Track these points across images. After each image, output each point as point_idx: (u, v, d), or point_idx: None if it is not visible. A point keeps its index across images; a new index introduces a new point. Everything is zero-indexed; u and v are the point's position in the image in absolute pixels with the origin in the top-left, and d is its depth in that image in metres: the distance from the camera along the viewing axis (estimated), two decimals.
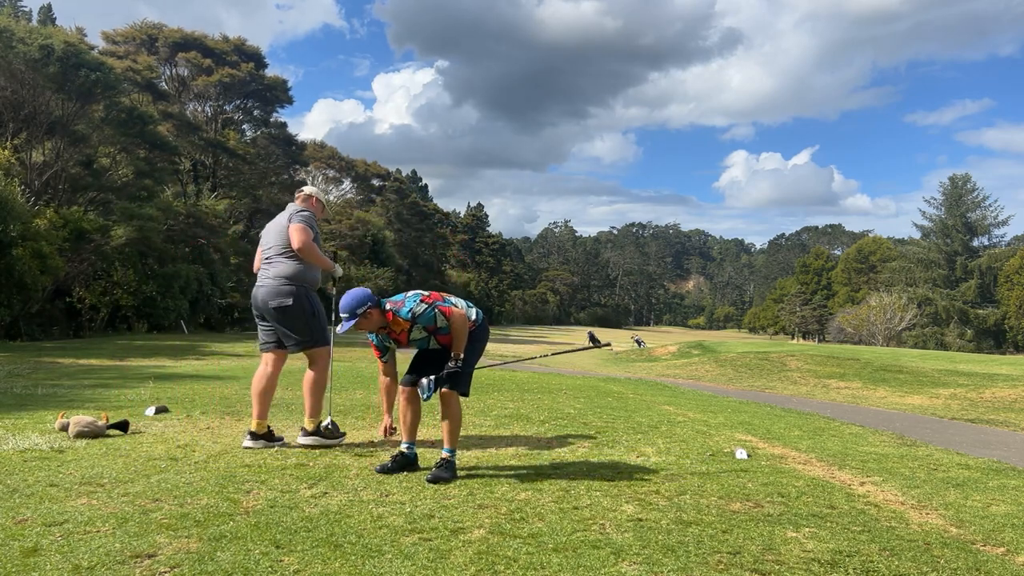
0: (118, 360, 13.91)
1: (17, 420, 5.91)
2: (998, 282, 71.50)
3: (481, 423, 6.45)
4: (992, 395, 13.92)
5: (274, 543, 3.07)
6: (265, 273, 5.18)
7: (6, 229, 20.20)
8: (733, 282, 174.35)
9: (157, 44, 39.64)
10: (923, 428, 8.76)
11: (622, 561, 2.99)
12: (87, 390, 8.43)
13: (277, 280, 5.09)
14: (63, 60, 24.31)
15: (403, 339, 4.52)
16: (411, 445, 4.54)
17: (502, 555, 3.00)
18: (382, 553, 2.99)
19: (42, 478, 4.01)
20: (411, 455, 4.51)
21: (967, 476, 5.07)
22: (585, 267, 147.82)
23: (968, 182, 77.48)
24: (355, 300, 4.33)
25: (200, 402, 7.33)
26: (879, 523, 3.71)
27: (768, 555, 3.14)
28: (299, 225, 5.10)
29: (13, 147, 24.58)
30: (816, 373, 18.28)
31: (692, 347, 31.95)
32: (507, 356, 26.47)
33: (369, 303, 4.36)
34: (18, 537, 3.06)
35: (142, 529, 3.20)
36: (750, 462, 5.12)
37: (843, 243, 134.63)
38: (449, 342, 4.44)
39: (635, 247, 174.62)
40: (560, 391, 9.61)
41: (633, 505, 3.83)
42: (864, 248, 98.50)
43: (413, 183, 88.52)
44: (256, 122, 45.73)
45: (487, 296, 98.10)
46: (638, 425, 6.67)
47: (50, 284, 23.26)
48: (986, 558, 3.25)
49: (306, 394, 5.24)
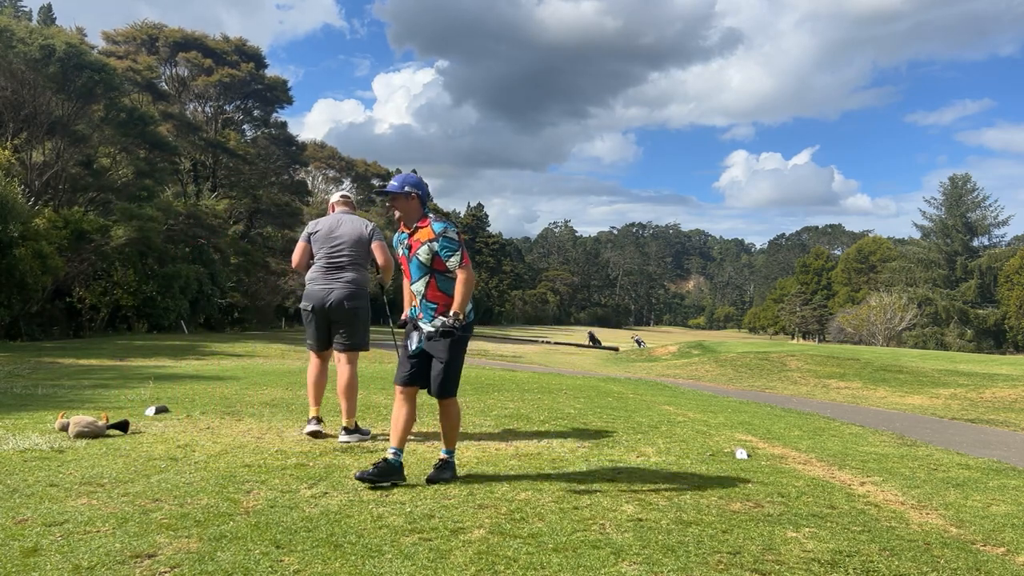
0: (118, 360, 13.91)
1: (17, 420, 5.91)
2: (998, 282, 71.48)
3: (481, 423, 6.45)
4: (992, 395, 13.92)
5: (274, 543, 3.07)
6: (338, 276, 5.48)
7: (6, 229, 20.20)
8: (733, 282, 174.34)
9: (157, 44, 39.65)
10: (923, 428, 8.76)
11: (622, 561, 2.99)
12: (87, 390, 8.43)
13: (355, 285, 5.50)
14: (64, 60, 24.30)
15: (413, 248, 4.25)
16: (398, 452, 4.20)
17: (502, 555, 3.00)
18: (382, 553, 2.99)
19: (42, 478, 4.01)
20: (395, 463, 4.14)
21: (967, 476, 5.07)
22: (585, 267, 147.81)
23: (968, 182, 77.48)
24: (410, 179, 4.33)
25: (200, 402, 7.33)
26: (879, 523, 3.71)
27: (768, 555, 3.14)
28: (384, 244, 5.57)
29: (13, 147, 24.57)
30: (816, 373, 18.28)
31: (692, 347, 31.95)
32: (507, 356, 26.48)
33: (419, 190, 4.28)
34: (18, 537, 3.06)
35: (142, 529, 3.20)
36: (750, 462, 5.12)
37: (843, 243, 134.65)
38: (436, 299, 4.22)
39: (635, 247, 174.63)
40: (560, 391, 9.61)
41: (633, 505, 3.83)
42: (864, 248, 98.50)
43: None
44: (256, 122, 45.74)
45: (487, 296, 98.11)
46: (638, 425, 6.67)
47: (50, 284, 23.26)
48: (986, 558, 3.25)
49: (347, 395, 5.49)
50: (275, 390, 8.67)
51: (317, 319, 5.51)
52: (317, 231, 5.61)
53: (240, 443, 5.15)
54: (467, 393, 9.00)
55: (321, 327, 5.53)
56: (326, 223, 5.64)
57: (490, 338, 45.28)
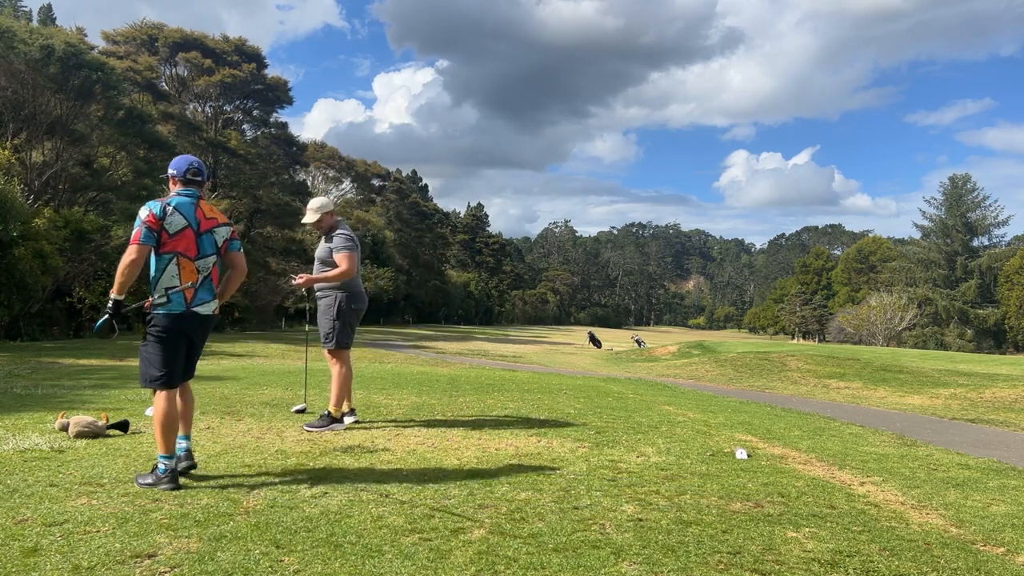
0: (118, 360, 13.91)
1: (17, 420, 5.91)
2: (998, 282, 71.48)
3: (481, 423, 6.45)
4: (992, 395, 13.91)
5: (274, 543, 3.07)
6: (360, 282, 6.25)
7: (6, 229, 20.18)
8: (733, 282, 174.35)
9: (157, 44, 39.63)
10: (923, 428, 8.75)
11: (622, 561, 2.99)
12: (87, 390, 8.42)
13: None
14: (64, 60, 24.30)
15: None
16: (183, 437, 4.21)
17: (502, 555, 3.00)
18: (382, 553, 2.99)
19: (42, 478, 4.01)
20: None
21: (967, 476, 5.07)
22: (585, 267, 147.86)
23: (968, 182, 77.49)
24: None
25: (200, 402, 7.31)
26: (879, 523, 3.71)
27: (768, 555, 3.14)
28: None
29: (13, 147, 24.57)
30: (816, 373, 18.27)
31: (692, 347, 31.94)
32: (507, 356, 26.46)
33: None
34: (18, 537, 3.06)
35: (142, 529, 3.20)
36: (750, 462, 5.12)
37: (843, 243, 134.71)
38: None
39: (635, 247, 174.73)
40: (560, 391, 9.61)
41: (633, 505, 3.82)
42: (864, 248, 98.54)
43: (413, 183, 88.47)
44: (256, 122, 45.74)
45: (487, 296, 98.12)
46: (638, 425, 6.67)
47: (50, 284, 23.24)
48: (986, 558, 3.25)
49: (349, 388, 6.23)
50: (275, 390, 8.67)
51: (354, 320, 6.17)
52: (356, 239, 6.22)
53: (240, 443, 5.15)
54: (467, 393, 9.01)
55: (354, 327, 6.23)
56: (353, 232, 6.28)
57: (491, 338, 45.28)
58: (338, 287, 6.01)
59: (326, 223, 6.06)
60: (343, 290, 6.01)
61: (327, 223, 6.06)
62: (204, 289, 4.18)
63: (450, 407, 7.54)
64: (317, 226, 6.07)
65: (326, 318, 6.05)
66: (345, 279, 5.94)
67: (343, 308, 6.00)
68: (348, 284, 6.03)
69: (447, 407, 7.53)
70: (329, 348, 6.09)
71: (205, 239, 4.17)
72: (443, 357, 22.66)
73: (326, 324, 6.05)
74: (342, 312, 6.00)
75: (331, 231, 6.03)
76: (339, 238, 5.94)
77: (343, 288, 6.01)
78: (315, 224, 6.05)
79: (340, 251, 5.88)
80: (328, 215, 6.08)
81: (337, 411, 5.99)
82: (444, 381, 10.66)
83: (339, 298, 6.00)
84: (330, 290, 6.03)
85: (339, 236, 5.96)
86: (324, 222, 6.05)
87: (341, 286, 6.01)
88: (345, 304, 6.01)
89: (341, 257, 5.86)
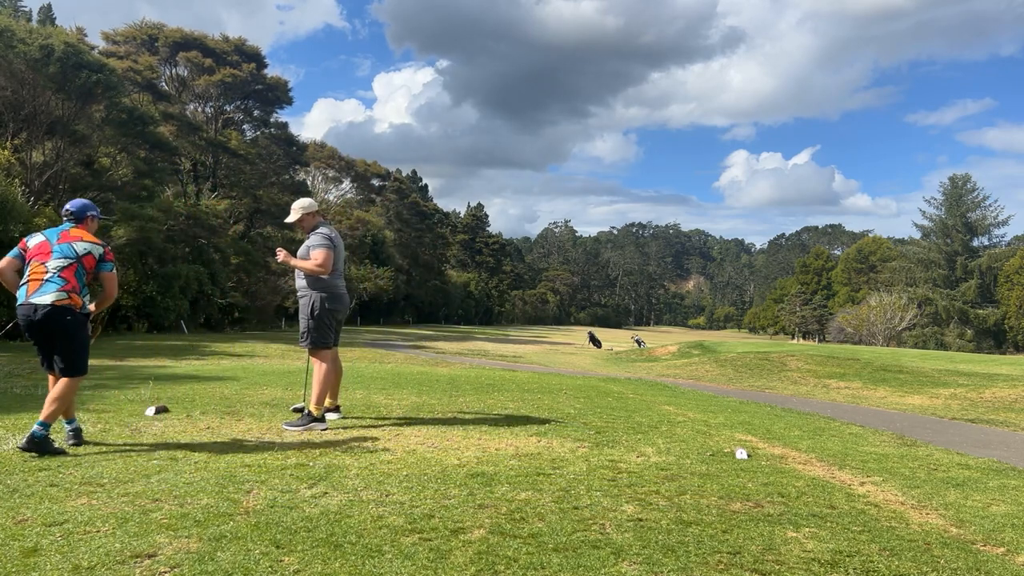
0: (118, 360, 13.90)
1: (17, 420, 5.91)
2: (998, 282, 71.47)
3: (481, 423, 6.45)
4: (992, 395, 13.91)
5: (274, 543, 3.06)
6: (341, 283, 6.29)
7: (6, 229, 20.18)
8: (733, 282, 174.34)
9: (157, 44, 39.64)
10: (923, 428, 8.75)
11: (622, 561, 2.99)
12: (87, 390, 8.41)
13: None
14: (63, 60, 24.29)
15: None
16: (45, 426, 4.69)
17: (502, 555, 3.00)
18: (382, 553, 2.99)
19: (42, 478, 4.01)
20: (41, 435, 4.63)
21: (967, 476, 5.07)
22: (585, 267, 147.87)
23: (968, 182, 77.50)
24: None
25: (200, 402, 7.33)
26: (879, 523, 3.71)
27: (768, 555, 3.14)
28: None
29: (13, 147, 24.57)
30: (816, 373, 18.27)
31: (692, 347, 31.94)
32: (507, 356, 26.45)
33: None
34: (18, 537, 3.06)
35: (142, 529, 3.20)
36: (750, 462, 5.12)
37: (843, 243, 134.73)
38: None
39: (635, 247, 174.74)
40: (560, 391, 9.61)
41: (633, 505, 3.82)
42: (864, 248, 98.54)
43: (413, 183, 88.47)
44: (256, 122, 45.75)
45: (487, 296, 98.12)
46: (638, 425, 6.67)
47: None
48: (986, 558, 3.25)
49: (333, 386, 6.36)
50: (275, 390, 8.67)
51: (338, 320, 6.25)
52: (336, 239, 6.22)
53: (240, 443, 5.15)
54: (467, 393, 9.01)
55: (338, 327, 6.28)
56: (335, 233, 6.27)
57: (491, 338, 45.27)
58: (316, 287, 6.08)
59: (308, 223, 6.24)
60: (321, 290, 6.09)
61: (309, 223, 6.24)
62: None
63: (450, 407, 7.54)
64: (299, 225, 6.27)
65: (302, 317, 6.17)
66: (319, 274, 6.03)
67: (318, 308, 6.08)
68: (327, 284, 6.10)
69: (447, 407, 7.53)
70: (306, 347, 6.19)
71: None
72: (443, 357, 22.66)
73: (302, 323, 6.17)
74: (316, 312, 6.07)
75: (313, 231, 6.18)
76: (317, 236, 6.11)
77: (321, 288, 6.09)
78: (297, 223, 6.27)
79: (316, 248, 6.04)
80: (310, 215, 6.26)
81: (318, 410, 5.99)
82: (444, 381, 10.66)
83: (315, 298, 6.08)
84: (308, 290, 6.12)
85: (317, 235, 6.12)
86: (305, 221, 6.25)
87: (319, 286, 6.08)
88: (320, 304, 6.07)
89: (316, 253, 6.03)
